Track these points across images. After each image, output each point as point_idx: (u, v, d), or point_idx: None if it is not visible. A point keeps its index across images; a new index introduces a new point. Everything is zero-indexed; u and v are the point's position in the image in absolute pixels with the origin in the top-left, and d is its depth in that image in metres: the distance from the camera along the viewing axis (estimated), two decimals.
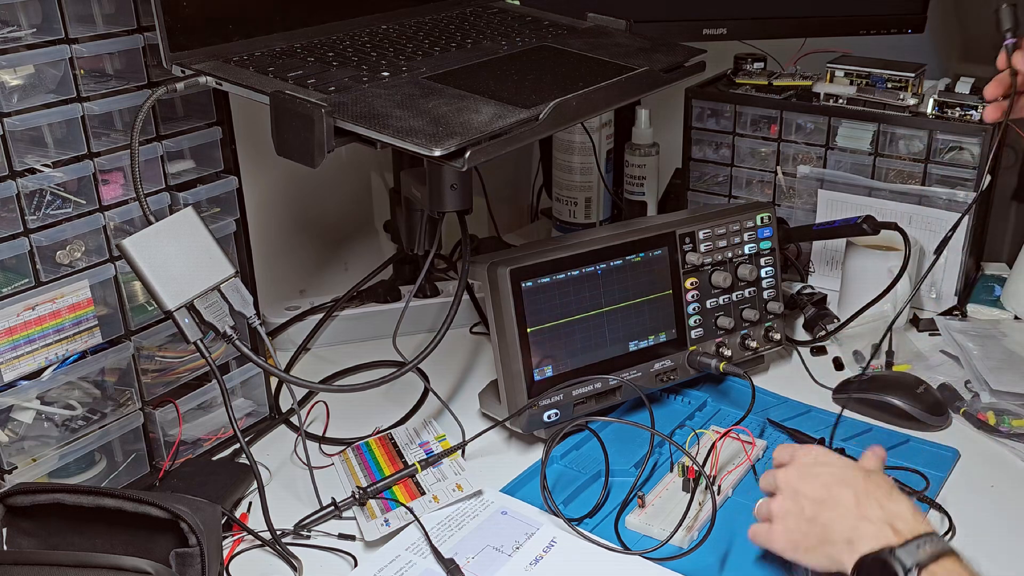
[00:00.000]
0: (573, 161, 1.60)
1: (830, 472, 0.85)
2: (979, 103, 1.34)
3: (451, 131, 0.85)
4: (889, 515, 0.79)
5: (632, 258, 1.14)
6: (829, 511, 0.82)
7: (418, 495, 1.02)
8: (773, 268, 1.24)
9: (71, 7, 0.90)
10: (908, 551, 0.75)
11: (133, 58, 0.97)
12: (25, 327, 0.92)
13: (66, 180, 0.94)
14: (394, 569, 0.92)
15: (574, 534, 0.96)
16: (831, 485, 0.84)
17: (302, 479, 1.06)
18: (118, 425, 1.02)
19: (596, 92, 0.98)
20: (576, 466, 1.08)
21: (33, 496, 0.86)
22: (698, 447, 1.06)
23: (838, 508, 0.82)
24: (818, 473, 0.86)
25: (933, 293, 1.42)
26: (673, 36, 1.28)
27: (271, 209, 1.42)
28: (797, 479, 0.86)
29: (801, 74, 1.51)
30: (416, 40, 1.08)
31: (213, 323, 0.93)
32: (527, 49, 1.09)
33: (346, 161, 1.52)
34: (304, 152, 0.86)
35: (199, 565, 0.84)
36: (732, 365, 1.16)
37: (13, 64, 0.88)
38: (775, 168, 1.49)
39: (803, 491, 0.85)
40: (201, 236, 0.93)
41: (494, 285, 1.06)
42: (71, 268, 0.96)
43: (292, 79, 0.92)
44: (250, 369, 1.14)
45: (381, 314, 1.38)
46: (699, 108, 1.51)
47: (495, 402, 1.12)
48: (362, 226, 1.59)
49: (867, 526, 0.79)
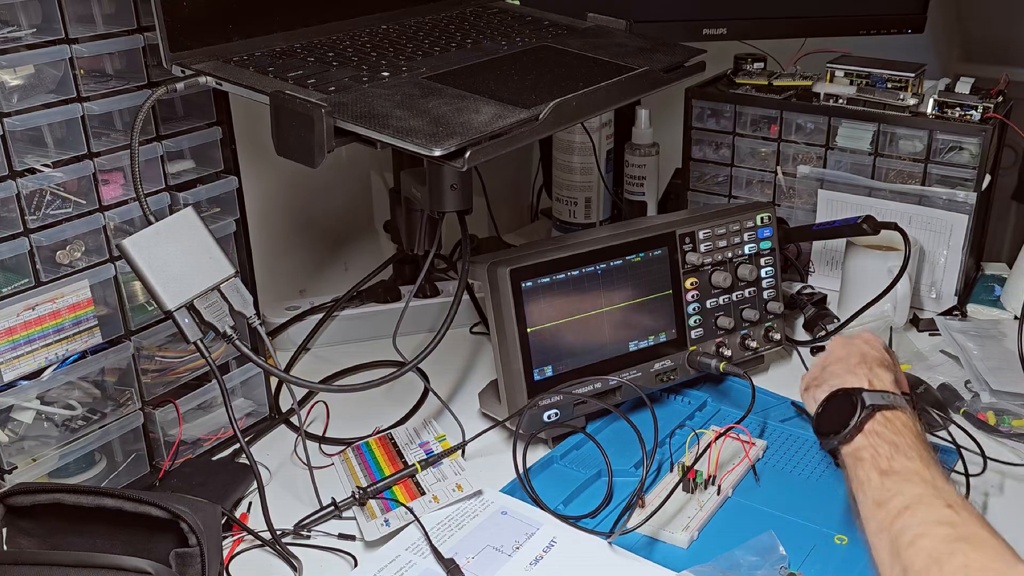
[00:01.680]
0: (573, 161, 1.60)
1: (852, 343, 1.04)
2: (979, 103, 1.34)
3: (451, 131, 0.85)
4: (873, 375, 0.97)
5: (632, 258, 1.14)
6: (836, 365, 1.01)
7: (418, 495, 1.02)
8: (773, 268, 1.24)
9: (71, 7, 0.90)
10: (872, 395, 0.92)
11: (133, 58, 0.97)
12: (25, 327, 0.92)
13: (66, 180, 0.94)
14: (394, 569, 0.92)
15: (574, 534, 0.96)
16: (850, 353, 1.02)
17: (302, 479, 1.06)
18: (118, 425, 1.02)
19: (596, 92, 0.98)
20: (576, 466, 1.08)
21: (33, 496, 0.86)
22: (698, 447, 1.06)
23: (841, 364, 1.00)
24: (843, 343, 1.05)
25: (933, 293, 1.42)
26: (673, 36, 1.28)
27: (271, 209, 1.42)
28: (828, 352, 1.06)
29: (801, 74, 1.51)
30: (416, 40, 1.08)
31: (213, 323, 0.93)
32: (527, 49, 1.09)
33: (346, 161, 1.52)
34: (304, 152, 0.86)
35: (199, 565, 0.84)
36: (732, 365, 1.16)
37: (13, 64, 0.88)
38: (775, 168, 1.49)
39: (829, 355, 1.05)
40: (201, 236, 0.93)
41: (494, 285, 1.06)
42: (71, 268, 0.96)
43: (292, 79, 0.92)
44: (250, 369, 1.14)
45: (381, 314, 1.38)
46: (699, 108, 1.51)
47: (495, 402, 1.12)
48: (362, 226, 1.59)
49: (852, 378, 0.97)
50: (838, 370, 1.00)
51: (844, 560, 0.93)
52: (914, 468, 0.84)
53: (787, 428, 1.14)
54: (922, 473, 0.83)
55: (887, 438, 0.88)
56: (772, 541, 0.94)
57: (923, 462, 0.85)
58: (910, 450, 0.86)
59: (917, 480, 0.82)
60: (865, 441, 0.89)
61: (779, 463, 1.08)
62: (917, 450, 0.86)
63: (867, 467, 0.86)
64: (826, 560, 0.93)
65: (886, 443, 0.87)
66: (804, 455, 1.09)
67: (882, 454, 0.86)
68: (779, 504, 1.01)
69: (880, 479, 0.84)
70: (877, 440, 0.88)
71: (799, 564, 0.92)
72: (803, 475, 1.06)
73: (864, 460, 0.87)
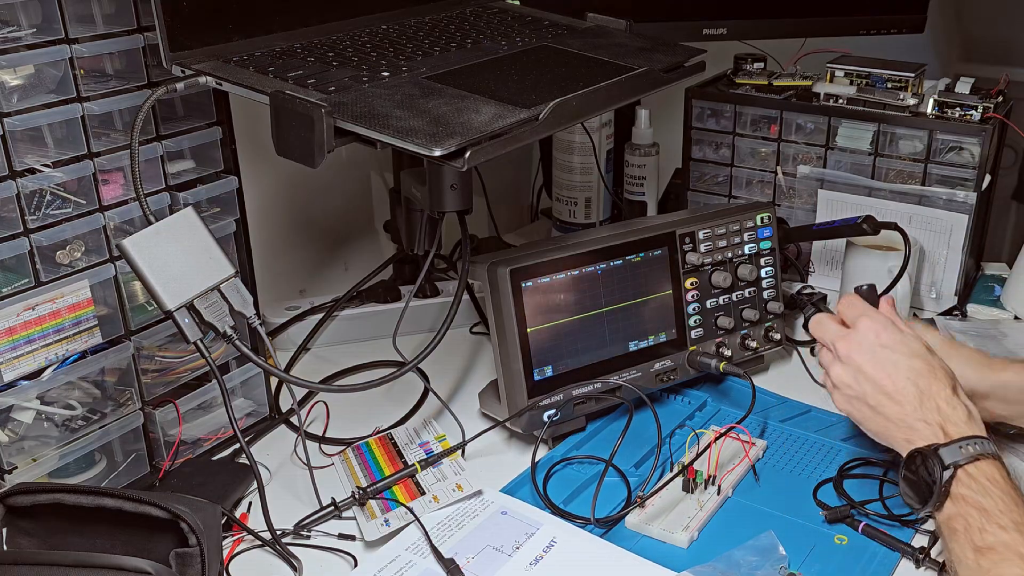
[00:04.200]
0: (573, 161, 1.60)
1: (894, 361, 0.92)
2: (979, 103, 1.34)
3: (451, 131, 0.85)
4: (944, 419, 0.87)
5: (632, 258, 1.14)
6: (893, 405, 0.90)
7: (418, 495, 1.02)
8: (773, 268, 1.24)
9: (71, 7, 0.90)
10: (951, 450, 0.84)
11: (133, 58, 0.97)
12: (25, 327, 0.92)
13: (66, 180, 0.94)
14: (394, 569, 0.92)
15: (574, 534, 0.96)
16: (896, 377, 0.91)
17: (302, 479, 1.06)
18: (118, 425, 1.02)
19: (596, 92, 0.98)
20: (576, 466, 1.07)
21: (33, 496, 0.86)
22: (698, 447, 1.06)
23: (903, 405, 0.90)
24: (882, 359, 0.92)
25: (933, 293, 1.42)
26: (673, 36, 1.28)
27: (271, 209, 1.42)
28: (859, 356, 0.93)
29: (801, 74, 1.51)
30: (416, 40, 1.08)
31: (213, 323, 0.93)
32: (527, 49, 1.09)
33: (346, 161, 1.52)
34: (304, 152, 0.86)
35: (199, 565, 0.84)
36: (732, 365, 1.16)
37: (13, 64, 0.88)
38: (775, 168, 1.49)
39: (867, 373, 0.93)
40: (201, 236, 0.93)
41: (494, 285, 1.06)
42: (71, 268, 0.96)
43: (292, 79, 0.92)
44: (250, 369, 1.14)
45: (381, 314, 1.38)
46: (699, 108, 1.51)
47: (495, 402, 1.12)
48: (362, 226, 1.59)
49: (924, 427, 0.88)
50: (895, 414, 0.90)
51: (844, 560, 0.93)
52: (1009, 542, 0.78)
53: (787, 428, 1.14)
54: (1019, 547, 0.78)
55: (974, 502, 0.82)
56: (772, 541, 0.94)
57: (1018, 531, 0.79)
58: (1002, 515, 0.80)
59: (1014, 558, 0.78)
60: (954, 509, 0.83)
61: (779, 463, 1.08)
62: (1010, 514, 0.80)
63: (961, 541, 0.81)
64: (826, 560, 0.93)
65: (975, 509, 0.81)
66: (804, 455, 1.09)
67: (974, 525, 0.81)
68: (779, 504, 1.01)
69: (975, 558, 0.79)
70: (965, 507, 0.82)
71: (799, 564, 0.92)
72: (803, 475, 1.06)
73: (957, 532, 0.82)
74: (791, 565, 0.92)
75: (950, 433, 0.87)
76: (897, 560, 0.93)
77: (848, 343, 0.95)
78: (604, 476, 1.01)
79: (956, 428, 0.87)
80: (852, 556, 0.94)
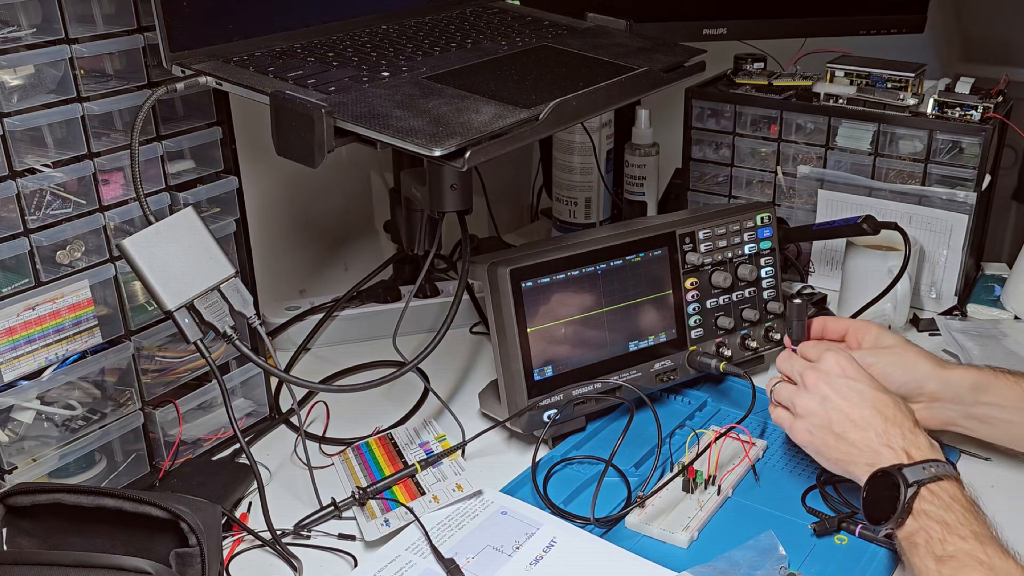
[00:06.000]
0: (573, 161, 1.60)
1: (859, 391, 0.95)
2: (979, 103, 1.34)
3: (451, 131, 0.85)
4: (908, 444, 0.90)
5: (632, 258, 1.14)
6: (858, 432, 0.93)
7: (418, 495, 1.02)
8: (773, 268, 1.24)
9: (71, 7, 0.90)
10: (914, 470, 0.86)
11: (133, 58, 0.97)
12: (25, 327, 0.92)
13: (66, 180, 0.94)
14: (394, 569, 0.92)
15: (574, 534, 0.96)
16: (862, 407, 0.94)
17: (302, 479, 1.06)
18: (118, 425, 1.02)
19: (596, 92, 0.98)
20: (576, 466, 1.07)
21: (33, 496, 0.86)
22: (698, 447, 1.06)
23: (867, 431, 0.92)
24: (848, 389, 0.95)
25: (933, 293, 1.43)
26: (673, 36, 1.28)
27: (271, 209, 1.42)
28: (827, 386, 0.96)
29: (801, 74, 1.51)
30: (416, 40, 1.08)
31: (213, 323, 0.93)
32: (527, 49, 1.09)
33: (346, 161, 1.52)
34: (304, 152, 0.86)
35: (199, 565, 0.84)
36: (732, 365, 1.16)
37: (13, 64, 0.88)
38: (775, 168, 1.49)
39: (833, 403, 0.95)
40: (201, 236, 0.93)
41: (494, 285, 1.06)
42: (71, 268, 0.96)
43: (292, 79, 0.92)
44: (250, 369, 1.14)
45: (381, 314, 1.38)
46: (699, 108, 1.51)
47: (495, 402, 1.12)
48: (362, 226, 1.59)
49: (888, 452, 0.90)
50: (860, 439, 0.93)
51: (844, 560, 0.93)
52: (969, 550, 0.80)
53: None
54: (977, 554, 0.80)
55: (936, 517, 0.84)
56: (772, 541, 0.94)
57: (977, 540, 0.81)
58: (962, 527, 0.82)
59: (974, 564, 0.79)
60: (916, 524, 0.85)
61: (779, 463, 1.08)
62: (970, 526, 0.82)
63: (922, 554, 0.83)
64: (826, 560, 0.93)
65: (936, 523, 0.83)
66: (804, 455, 1.09)
67: (935, 537, 0.83)
68: (779, 504, 1.01)
69: (936, 567, 0.81)
70: (927, 521, 0.84)
71: (799, 564, 0.92)
72: (803, 475, 1.06)
73: (918, 546, 0.84)
74: (791, 565, 0.92)
75: (913, 456, 0.89)
76: (897, 560, 0.93)
77: (816, 373, 0.98)
78: (604, 476, 1.01)
79: (920, 452, 0.90)
80: (852, 556, 0.94)
